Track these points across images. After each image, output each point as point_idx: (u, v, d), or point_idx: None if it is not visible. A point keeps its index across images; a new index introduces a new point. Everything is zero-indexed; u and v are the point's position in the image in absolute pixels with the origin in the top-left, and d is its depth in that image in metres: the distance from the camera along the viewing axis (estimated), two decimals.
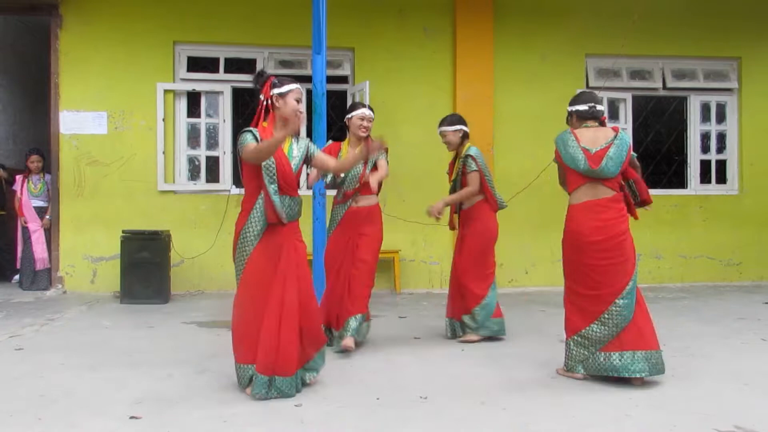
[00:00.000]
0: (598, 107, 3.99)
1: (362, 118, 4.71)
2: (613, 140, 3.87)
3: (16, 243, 7.57)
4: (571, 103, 4.09)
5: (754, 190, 8.28)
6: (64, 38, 7.21)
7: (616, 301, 3.72)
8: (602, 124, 4.02)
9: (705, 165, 8.42)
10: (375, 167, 4.67)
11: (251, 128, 3.53)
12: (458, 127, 4.96)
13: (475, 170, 4.82)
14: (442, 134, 4.99)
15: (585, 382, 3.75)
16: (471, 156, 4.85)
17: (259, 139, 3.46)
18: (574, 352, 3.85)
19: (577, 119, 4.04)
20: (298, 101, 3.62)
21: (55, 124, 7.15)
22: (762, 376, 3.89)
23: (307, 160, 3.73)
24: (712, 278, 8.13)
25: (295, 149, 3.66)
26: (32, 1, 7.21)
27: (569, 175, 3.93)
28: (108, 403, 3.36)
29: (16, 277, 7.62)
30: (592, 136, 3.93)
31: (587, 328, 3.78)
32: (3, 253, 7.95)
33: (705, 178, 8.41)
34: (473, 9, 7.64)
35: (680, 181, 8.69)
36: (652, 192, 8.03)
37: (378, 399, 3.45)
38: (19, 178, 7.50)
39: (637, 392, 3.57)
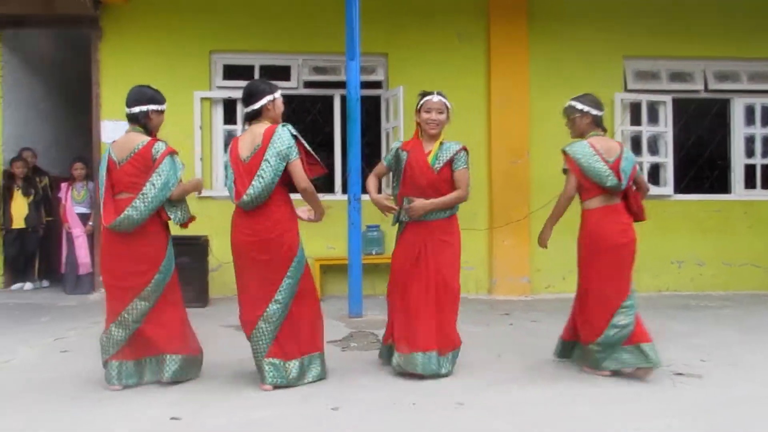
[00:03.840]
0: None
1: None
2: (621, 153, 3.99)
3: (61, 248, 7.77)
4: (583, 102, 4.06)
5: None
6: (104, 50, 7.40)
7: (630, 295, 3.88)
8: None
9: (750, 169, 8.18)
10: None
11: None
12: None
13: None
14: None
15: (626, 393, 3.68)
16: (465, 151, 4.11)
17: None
18: (599, 352, 3.90)
19: (590, 123, 4.05)
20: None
21: (96, 133, 7.33)
22: None
23: None
24: (757, 287, 7.88)
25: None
26: (73, 15, 7.40)
27: (586, 185, 3.98)
28: (149, 404, 3.42)
29: (26, 284, 7.84)
30: (606, 147, 4.03)
31: (609, 325, 3.84)
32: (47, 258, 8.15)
33: (750, 182, 8.18)
34: (507, 13, 7.58)
35: (723, 186, 8.47)
36: (695, 197, 8.05)
37: (414, 404, 3.43)
38: (63, 185, 7.70)
39: (677, 401, 3.48)
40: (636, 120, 7.90)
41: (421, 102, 4.12)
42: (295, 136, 3.69)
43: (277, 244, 3.68)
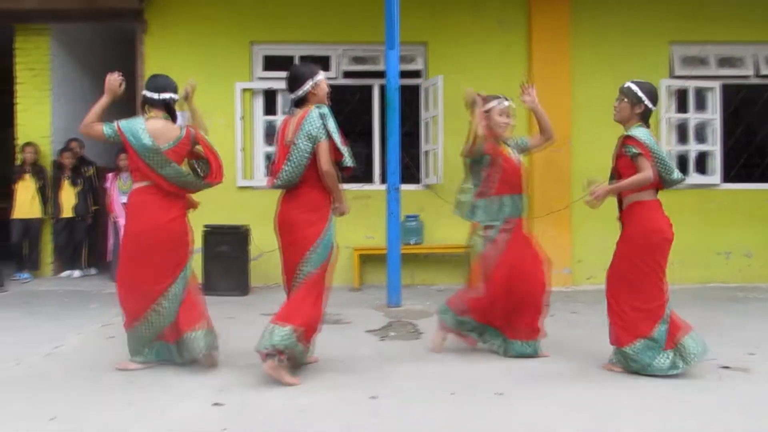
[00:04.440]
0: None
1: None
2: None
3: (107, 237, 7.98)
4: (643, 91, 3.84)
5: None
6: (148, 43, 7.53)
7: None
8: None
9: None
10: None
11: None
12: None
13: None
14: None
15: (669, 386, 3.60)
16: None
17: None
18: (640, 355, 3.72)
19: (640, 115, 3.86)
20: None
21: None
22: None
23: None
24: None
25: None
26: (118, 9, 7.56)
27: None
28: (192, 390, 3.50)
29: (74, 272, 8.06)
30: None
31: (655, 328, 3.70)
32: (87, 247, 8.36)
33: None
34: None
35: None
36: (744, 186, 7.79)
37: (453, 394, 3.43)
38: (110, 176, 7.90)
39: (723, 395, 3.40)
40: (683, 107, 7.69)
41: (494, 105, 4.36)
42: (323, 118, 3.65)
43: (299, 226, 3.66)
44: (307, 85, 3.73)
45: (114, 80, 4.07)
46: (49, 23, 8.01)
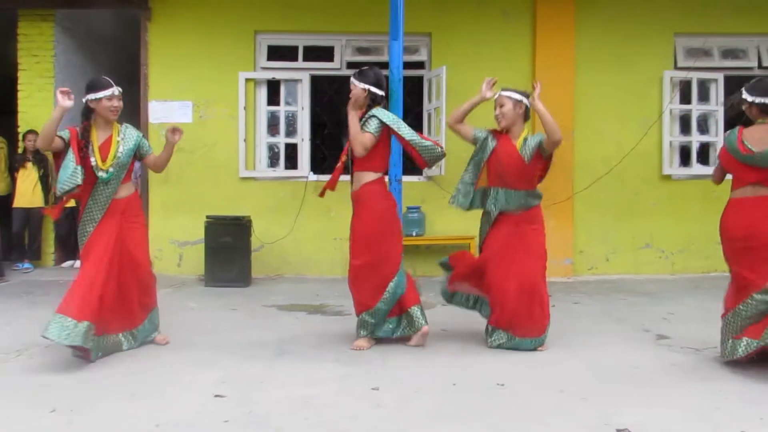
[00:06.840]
0: None
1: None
2: None
3: None
4: (752, 92, 3.83)
5: None
6: (152, 30, 7.50)
7: None
8: None
9: None
10: None
11: None
12: None
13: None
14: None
15: (675, 374, 3.61)
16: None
17: None
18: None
19: (758, 112, 3.86)
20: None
21: (144, 114, 7.45)
22: None
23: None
24: None
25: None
26: None
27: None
28: (194, 381, 3.51)
29: (74, 262, 7.82)
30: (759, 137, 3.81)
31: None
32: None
33: None
34: None
35: None
36: None
37: (454, 384, 3.44)
38: None
39: (728, 385, 3.41)
40: (686, 98, 7.67)
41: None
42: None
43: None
44: None
45: (60, 96, 3.91)
46: (55, 9, 7.92)
